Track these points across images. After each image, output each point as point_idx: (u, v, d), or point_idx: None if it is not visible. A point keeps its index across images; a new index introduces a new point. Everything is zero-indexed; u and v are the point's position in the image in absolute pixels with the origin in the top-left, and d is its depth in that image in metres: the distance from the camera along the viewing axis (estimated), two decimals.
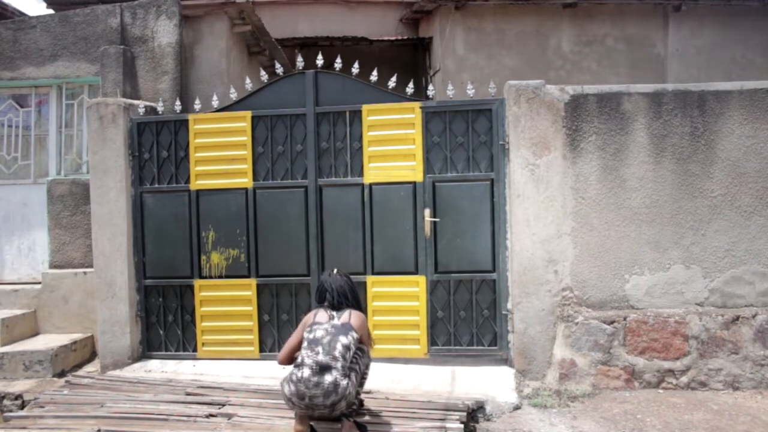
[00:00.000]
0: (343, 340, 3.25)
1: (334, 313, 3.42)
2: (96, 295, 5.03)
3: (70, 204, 5.64)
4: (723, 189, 4.44)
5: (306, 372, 3.15)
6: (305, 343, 3.28)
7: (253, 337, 4.92)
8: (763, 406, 4.06)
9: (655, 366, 4.37)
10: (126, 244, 4.95)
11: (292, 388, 3.17)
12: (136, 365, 4.94)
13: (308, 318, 3.46)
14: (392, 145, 4.76)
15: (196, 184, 4.99)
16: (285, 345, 3.49)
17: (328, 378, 3.12)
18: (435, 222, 4.69)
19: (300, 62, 4.94)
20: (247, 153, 4.92)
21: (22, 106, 5.93)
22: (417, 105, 4.73)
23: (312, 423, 3.39)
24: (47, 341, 5.24)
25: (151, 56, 5.69)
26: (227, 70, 6.09)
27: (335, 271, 3.62)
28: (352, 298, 3.54)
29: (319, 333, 3.28)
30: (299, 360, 3.24)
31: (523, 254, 4.48)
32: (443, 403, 3.90)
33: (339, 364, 3.17)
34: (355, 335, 3.32)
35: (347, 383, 3.16)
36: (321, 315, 3.42)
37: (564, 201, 4.48)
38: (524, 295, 4.48)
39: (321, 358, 3.17)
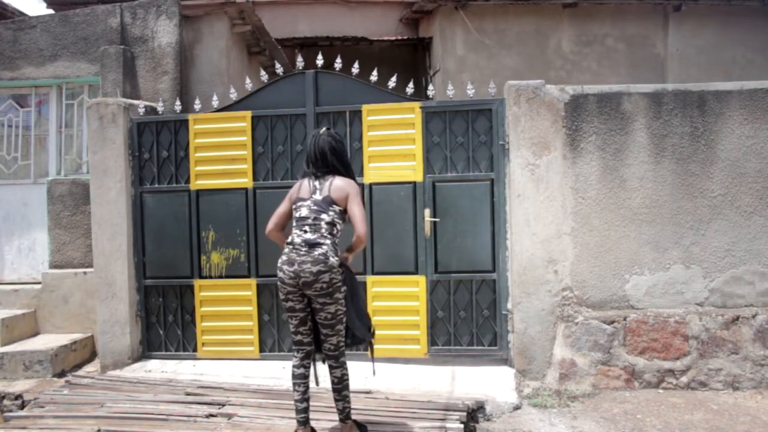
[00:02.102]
0: (326, 217, 3.21)
1: (317, 183, 3.30)
2: (96, 295, 5.03)
3: (70, 204, 5.64)
4: (723, 189, 4.44)
5: (297, 246, 3.19)
6: (293, 221, 3.31)
7: (253, 337, 4.92)
8: (763, 406, 4.06)
9: (655, 366, 4.37)
10: (126, 244, 4.95)
11: (284, 257, 3.21)
12: (136, 365, 4.94)
13: (293, 191, 3.39)
14: (392, 145, 4.76)
15: (196, 184, 4.99)
16: (273, 214, 3.45)
17: (319, 250, 3.15)
18: (435, 222, 4.69)
19: (300, 62, 4.94)
20: (247, 153, 4.92)
21: (22, 106, 5.93)
22: (417, 105, 4.73)
23: (312, 426, 3.39)
24: (47, 341, 5.24)
25: (151, 56, 5.69)
26: (227, 70, 6.09)
27: (322, 130, 3.37)
28: (337, 161, 3.32)
29: (303, 211, 3.26)
30: (290, 239, 3.26)
31: (523, 254, 4.48)
32: (443, 403, 3.90)
33: (328, 242, 3.18)
34: (336, 208, 3.24)
35: (335, 261, 3.17)
36: (304, 188, 3.33)
37: (564, 201, 4.48)
38: (524, 295, 4.48)
39: (309, 236, 3.19)
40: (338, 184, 3.28)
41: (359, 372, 4.05)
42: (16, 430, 3.79)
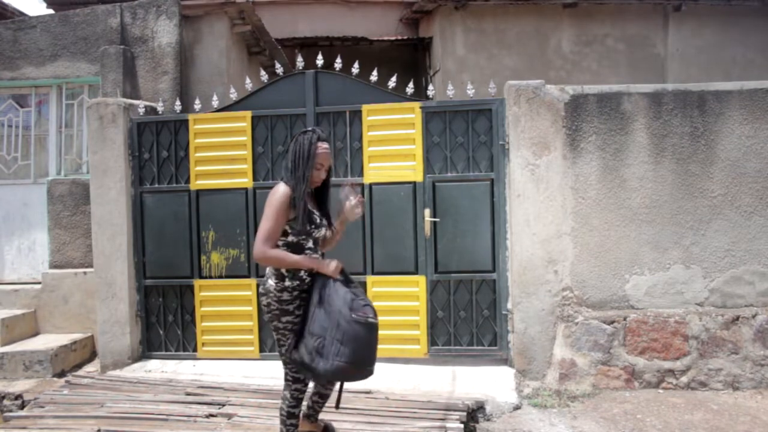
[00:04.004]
0: None
1: None
2: (96, 295, 5.03)
3: (70, 204, 5.64)
4: (723, 189, 4.44)
5: None
6: None
7: (253, 337, 4.92)
8: (763, 406, 4.06)
9: (655, 366, 4.37)
10: (126, 244, 4.95)
11: None
12: (136, 365, 4.94)
13: None
14: (392, 145, 4.76)
15: (196, 184, 4.99)
16: None
17: (265, 276, 2.94)
18: (435, 222, 4.69)
19: (300, 62, 4.94)
20: (247, 153, 4.92)
21: (22, 106, 5.93)
22: (417, 105, 4.73)
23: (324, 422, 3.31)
24: (47, 341, 5.24)
25: (151, 56, 5.69)
26: (227, 70, 6.09)
27: (314, 130, 2.96)
28: (292, 165, 2.87)
29: None
30: None
31: (523, 254, 4.48)
32: (443, 403, 3.90)
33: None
34: None
35: (272, 285, 2.86)
36: None
37: (564, 201, 4.48)
38: (524, 295, 4.48)
39: None
40: (270, 192, 2.87)
41: None
42: (16, 430, 3.79)
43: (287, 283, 2.86)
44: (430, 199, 4.70)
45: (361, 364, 2.78)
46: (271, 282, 2.87)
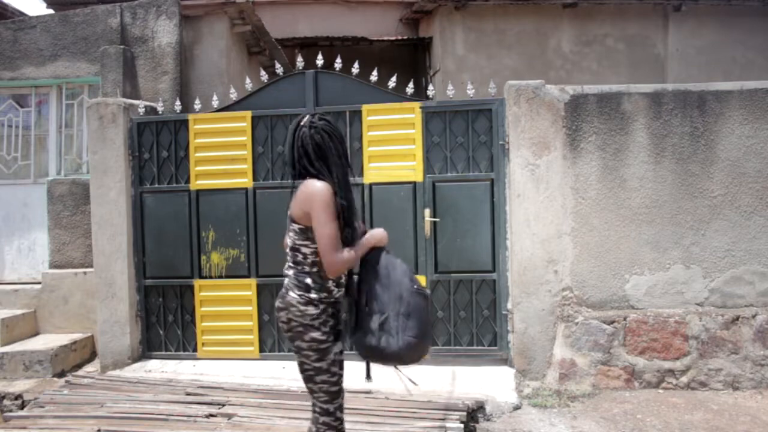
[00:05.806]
0: (288, 241, 2.53)
1: (294, 192, 2.53)
2: (96, 295, 5.03)
3: (70, 204, 5.64)
4: (723, 189, 4.44)
5: None
6: None
7: (253, 337, 4.92)
8: (763, 406, 4.06)
9: (655, 366, 4.37)
10: (126, 244, 4.95)
11: None
12: (136, 365, 4.94)
13: None
14: (392, 145, 4.76)
15: (196, 184, 4.99)
16: None
17: (285, 282, 2.53)
18: (435, 222, 4.69)
19: (300, 62, 4.94)
20: (247, 153, 4.92)
21: (22, 106, 5.93)
22: (417, 105, 4.73)
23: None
24: (47, 341, 5.24)
25: (151, 56, 5.69)
26: (227, 70, 6.09)
27: (305, 119, 2.52)
28: (316, 157, 2.46)
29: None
30: None
31: (523, 254, 4.48)
32: (443, 403, 3.90)
33: (291, 273, 2.50)
34: (295, 227, 2.47)
35: (295, 298, 2.44)
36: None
37: (564, 201, 4.48)
38: (524, 295, 4.48)
39: (285, 270, 2.56)
40: (300, 191, 2.45)
41: (359, 371, 4.04)
42: (16, 430, 3.79)
43: (313, 295, 2.44)
44: (430, 199, 4.70)
45: (427, 337, 2.56)
46: (292, 294, 2.44)
